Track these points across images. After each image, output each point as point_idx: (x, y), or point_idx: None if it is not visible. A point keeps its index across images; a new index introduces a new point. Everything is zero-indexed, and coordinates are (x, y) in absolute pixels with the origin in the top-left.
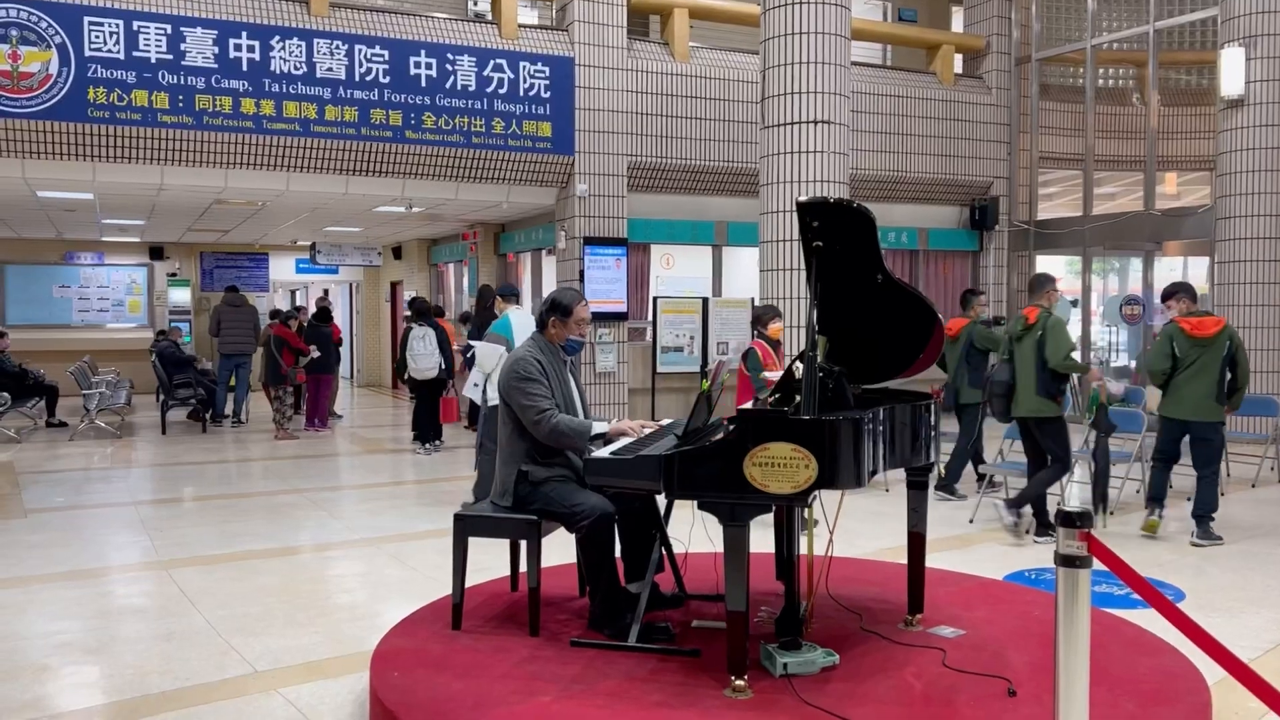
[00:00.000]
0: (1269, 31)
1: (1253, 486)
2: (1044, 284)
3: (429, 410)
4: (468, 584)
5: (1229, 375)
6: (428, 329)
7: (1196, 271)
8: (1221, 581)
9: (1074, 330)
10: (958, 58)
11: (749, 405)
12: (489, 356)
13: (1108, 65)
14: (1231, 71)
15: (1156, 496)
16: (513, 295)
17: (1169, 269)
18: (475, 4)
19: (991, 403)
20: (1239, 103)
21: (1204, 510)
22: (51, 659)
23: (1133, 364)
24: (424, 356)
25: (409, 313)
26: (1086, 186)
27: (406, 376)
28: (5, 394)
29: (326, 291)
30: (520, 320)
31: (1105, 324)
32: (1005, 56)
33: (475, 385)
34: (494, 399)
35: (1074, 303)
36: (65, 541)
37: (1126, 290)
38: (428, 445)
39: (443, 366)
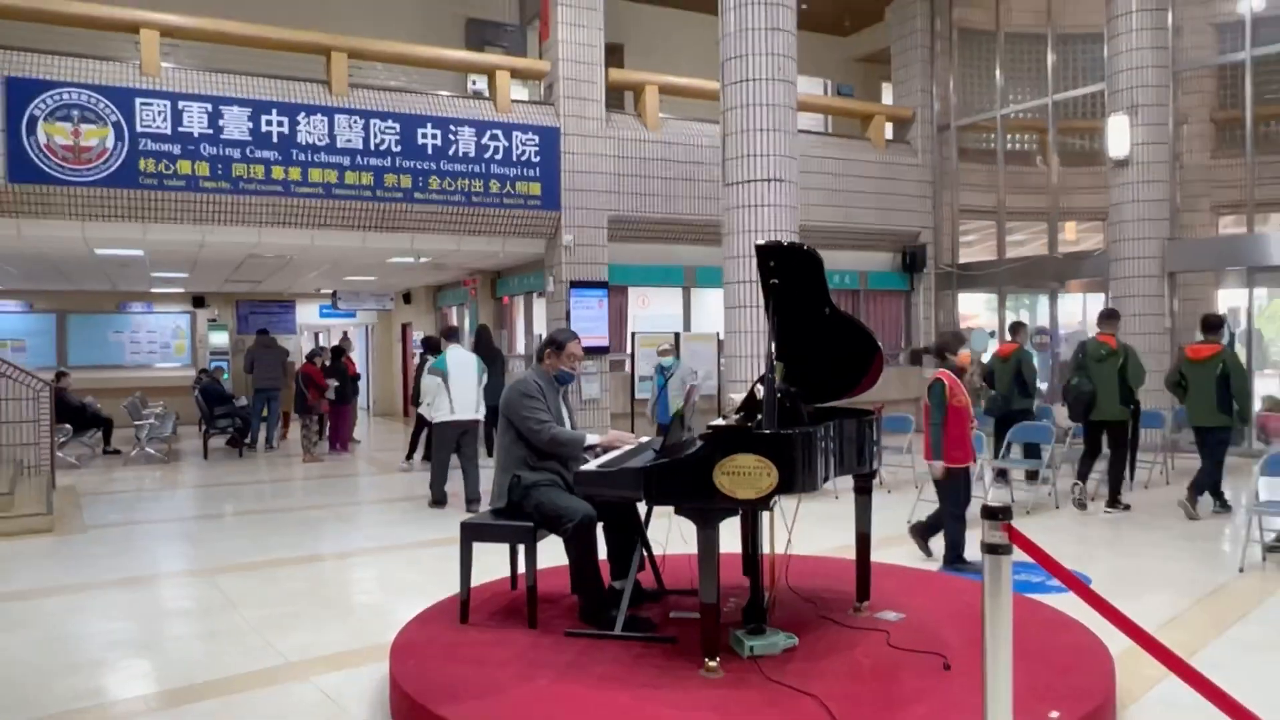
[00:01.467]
0: (1148, 102)
1: (1145, 488)
2: (1115, 317)
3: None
4: (473, 584)
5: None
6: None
7: (1094, 307)
8: (1123, 568)
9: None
10: (888, 126)
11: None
12: (429, 388)
13: (1015, 131)
14: (1118, 136)
15: (1194, 484)
16: (453, 337)
17: (1071, 305)
18: (474, 83)
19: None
20: (1125, 163)
21: (1197, 486)
22: (108, 655)
23: (1044, 386)
24: None
25: (420, 348)
26: (999, 234)
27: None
28: (68, 425)
29: (346, 333)
30: (454, 357)
31: None
32: (929, 124)
33: (428, 404)
34: (437, 416)
35: (991, 334)
36: (120, 552)
37: (1036, 323)
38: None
39: None
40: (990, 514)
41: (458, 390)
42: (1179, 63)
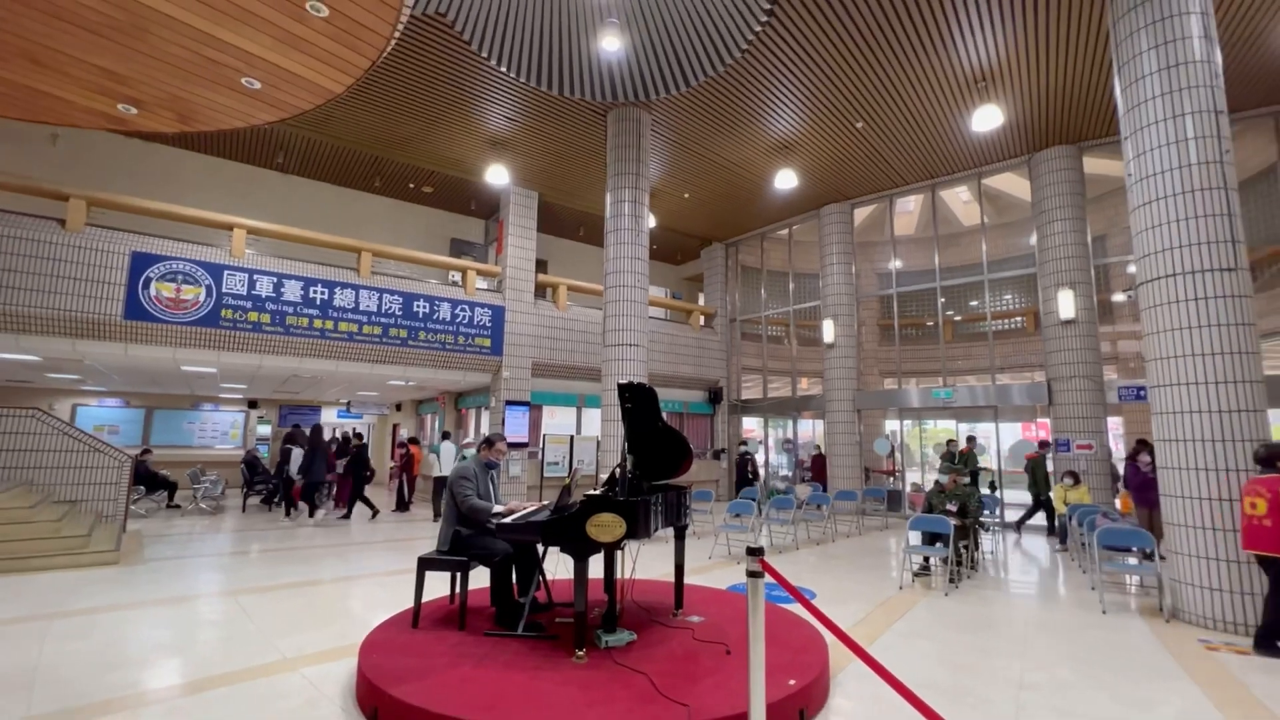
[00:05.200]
0: (843, 313)
1: (847, 537)
2: (973, 441)
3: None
4: (424, 600)
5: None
6: (301, 450)
7: (819, 429)
8: (834, 587)
9: (761, 458)
10: (702, 317)
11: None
12: (429, 459)
13: (772, 324)
14: (829, 330)
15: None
16: (447, 436)
17: (805, 426)
18: (452, 276)
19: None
20: (832, 345)
21: (1020, 524)
22: (149, 655)
23: (791, 473)
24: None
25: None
26: (764, 383)
27: (286, 475)
28: (142, 487)
29: (355, 429)
30: (444, 446)
31: (777, 454)
32: (725, 318)
33: (436, 468)
34: (433, 473)
35: (760, 442)
36: (170, 579)
37: (785, 436)
38: (293, 512)
39: (299, 472)
40: (751, 552)
41: (444, 461)
42: (859, 291)
